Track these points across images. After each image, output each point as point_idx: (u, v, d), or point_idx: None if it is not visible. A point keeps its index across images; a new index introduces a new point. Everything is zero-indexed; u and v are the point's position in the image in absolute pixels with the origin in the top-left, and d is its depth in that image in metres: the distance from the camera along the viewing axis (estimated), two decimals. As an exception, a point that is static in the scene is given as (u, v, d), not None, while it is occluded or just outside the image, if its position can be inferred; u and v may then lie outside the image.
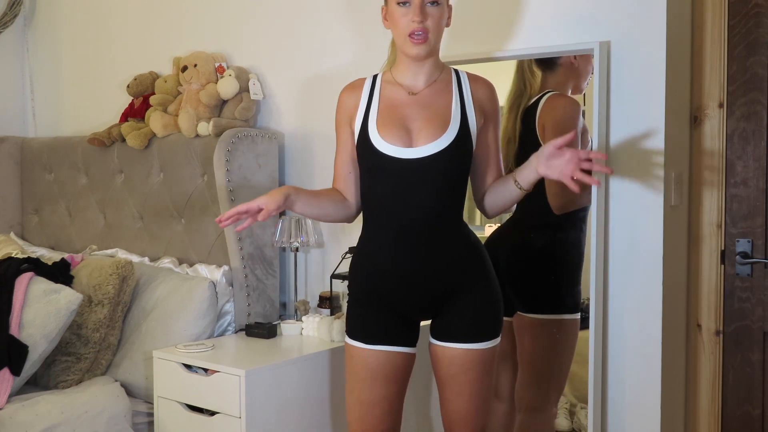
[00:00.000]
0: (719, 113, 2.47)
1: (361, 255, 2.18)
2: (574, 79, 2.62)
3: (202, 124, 3.11)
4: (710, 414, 2.51)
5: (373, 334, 2.13)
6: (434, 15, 2.04)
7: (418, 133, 2.07)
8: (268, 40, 3.20)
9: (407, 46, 2.06)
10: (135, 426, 2.75)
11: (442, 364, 2.14)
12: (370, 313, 2.14)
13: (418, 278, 2.09)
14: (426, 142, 2.05)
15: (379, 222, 2.13)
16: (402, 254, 2.08)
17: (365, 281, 2.16)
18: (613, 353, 2.41)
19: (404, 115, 2.09)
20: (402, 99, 2.12)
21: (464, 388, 2.12)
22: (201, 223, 3.12)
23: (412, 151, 2.06)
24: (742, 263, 2.45)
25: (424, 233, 2.07)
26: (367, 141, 2.10)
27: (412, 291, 2.10)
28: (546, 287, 2.66)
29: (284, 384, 2.53)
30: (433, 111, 2.09)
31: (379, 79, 2.18)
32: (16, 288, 2.74)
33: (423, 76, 2.13)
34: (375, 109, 2.12)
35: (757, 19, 2.41)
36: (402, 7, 2.04)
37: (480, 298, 2.12)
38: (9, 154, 3.82)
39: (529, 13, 2.53)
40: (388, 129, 2.08)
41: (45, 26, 4.10)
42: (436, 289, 2.10)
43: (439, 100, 2.11)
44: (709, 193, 2.50)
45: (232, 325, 2.97)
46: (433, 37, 2.06)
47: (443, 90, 2.12)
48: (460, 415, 2.14)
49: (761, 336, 2.44)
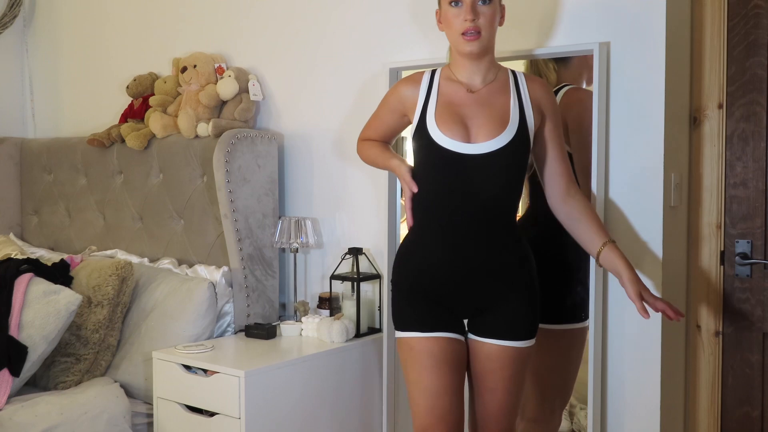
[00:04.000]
0: (719, 114, 2.48)
1: (410, 250, 2.19)
2: (588, 71, 2.59)
3: (202, 125, 3.11)
4: (710, 415, 2.51)
5: (428, 322, 2.13)
6: (486, 13, 2.07)
7: (478, 131, 2.09)
8: (267, 41, 3.20)
9: (461, 44, 2.09)
10: (134, 427, 2.75)
11: (479, 359, 2.16)
12: (420, 305, 2.15)
13: (469, 276, 2.11)
14: (485, 139, 2.08)
15: (432, 218, 2.13)
16: (454, 251, 2.10)
17: (413, 276, 2.16)
18: (613, 354, 2.41)
19: (463, 112, 2.12)
20: (461, 96, 2.15)
21: (499, 384, 2.14)
22: (200, 224, 3.12)
23: (471, 147, 2.08)
24: (741, 264, 2.45)
25: (477, 231, 2.09)
26: (426, 134, 2.12)
27: (461, 288, 2.12)
28: (549, 295, 2.63)
29: (284, 385, 2.53)
30: (492, 109, 2.12)
31: (437, 75, 2.20)
32: (16, 289, 2.74)
33: (480, 75, 2.15)
34: (433, 103, 2.14)
35: (756, 20, 2.41)
36: (454, 8, 2.08)
37: (523, 299, 2.15)
38: (8, 154, 3.82)
39: (529, 14, 2.53)
40: (447, 124, 2.10)
41: (45, 27, 4.10)
42: (486, 288, 2.12)
43: (498, 99, 2.14)
44: (709, 193, 2.50)
45: (232, 326, 2.97)
46: (486, 34, 2.08)
47: (501, 89, 2.15)
48: (493, 412, 2.17)
49: (761, 337, 2.43)
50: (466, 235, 2.09)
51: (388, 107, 2.28)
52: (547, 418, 2.65)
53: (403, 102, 2.23)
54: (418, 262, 2.16)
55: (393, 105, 2.26)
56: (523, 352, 2.15)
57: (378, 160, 2.32)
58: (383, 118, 2.32)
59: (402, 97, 2.23)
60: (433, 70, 2.23)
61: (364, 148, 2.37)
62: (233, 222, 2.91)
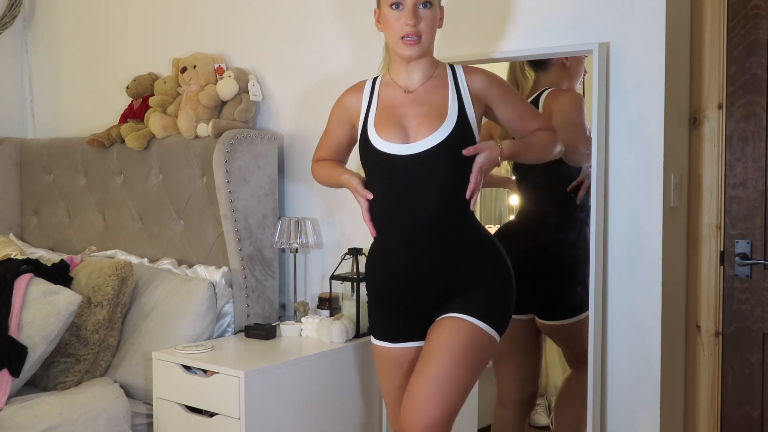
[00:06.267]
0: (718, 114, 2.48)
1: (373, 258, 2.19)
2: (567, 79, 2.63)
3: (202, 126, 3.11)
4: (709, 415, 2.51)
5: (397, 333, 2.13)
6: (427, 17, 2.05)
7: (416, 130, 2.07)
8: (267, 41, 3.20)
9: (400, 48, 2.08)
10: (134, 427, 2.75)
11: (431, 337, 2.04)
12: (391, 314, 2.14)
13: (430, 279, 2.08)
14: (423, 137, 2.05)
15: (387, 225, 2.12)
16: (412, 256, 2.08)
17: (380, 284, 2.17)
18: (613, 354, 2.41)
19: (401, 113, 2.11)
20: (398, 98, 2.14)
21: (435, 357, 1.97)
22: (200, 224, 3.12)
23: (409, 147, 2.06)
24: (741, 264, 2.45)
25: (432, 233, 2.06)
26: (367, 141, 2.13)
27: (425, 292, 2.09)
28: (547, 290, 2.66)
29: (283, 385, 2.53)
30: (429, 106, 2.09)
31: (378, 81, 2.20)
32: (16, 289, 2.74)
33: (418, 75, 2.13)
34: (374, 110, 2.15)
35: (756, 20, 2.41)
36: (395, 11, 2.05)
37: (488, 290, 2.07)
38: (8, 155, 3.82)
39: (528, 15, 2.53)
40: (385, 127, 2.10)
41: (44, 27, 4.10)
42: (449, 287, 2.09)
43: (435, 95, 2.11)
44: (709, 194, 2.50)
45: (232, 326, 2.97)
46: (426, 39, 2.07)
47: (439, 86, 2.13)
48: (418, 396, 1.97)
49: (760, 337, 2.43)
50: (421, 239, 2.06)
51: (336, 120, 2.27)
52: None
53: (348, 112, 2.22)
54: (383, 269, 2.14)
55: (340, 116, 2.25)
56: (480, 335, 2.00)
57: (330, 178, 2.28)
58: (333, 133, 2.30)
59: (347, 107, 2.23)
60: (375, 77, 2.22)
61: (317, 170, 2.35)
62: (233, 222, 2.91)
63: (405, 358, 2.12)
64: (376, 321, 2.19)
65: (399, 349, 2.13)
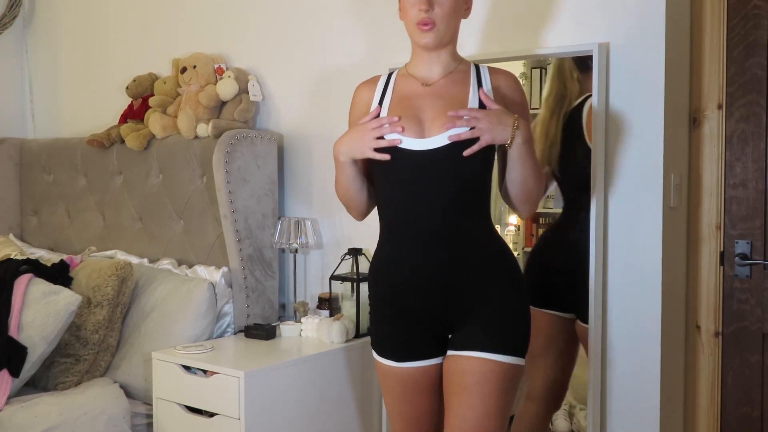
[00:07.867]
0: (718, 115, 2.48)
1: (379, 266, 2.03)
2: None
3: (201, 126, 3.11)
4: (709, 415, 2.51)
5: (403, 352, 1.99)
6: (444, 4, 1.93)
7: (432, 124, 1.92)
8: (267, 41, 3.20)
9: (416, 35, 1.97)
10: (134, 427, 2.75)
11: (454, 375, 1.93)
12: (397, 330, 2.00)
13: (443, 289, 1.94)
14: (439, 132, 1.91)
15: (396, 229, 1.97)
16: (422, 264, 1.93)
17: (390, 293, 2.00)
18: (613, 354, 2.41)
19: (417, 105, 1.97)
20: (415, 90, 2.00)
21: (478, 401, 1.89)
22: (200, 225, 3.12)
23: (424, 142, 1.91)
24: (741, 265, 2.45)
25: (444, 238, 1.92)
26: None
27: (435, 304, 1.95)
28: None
29: (283, 385, 2.52)
30: (448, 100, 1.95)
31: (395, 74, 2.08)
32: (15, 289, 2.74)
33: (438, 67, 2.01)
34: (387, 101, 2.01)
35: (756, 21, 2.41)
36: None
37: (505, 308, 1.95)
38: (8, 155, 3.82)
39: (528, 15, 2.53)
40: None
41: (44, 27, 4.10)
42: (462, 301, 1.94)
43: (455, 90, 1.98)
44: (708, 194, 2.50)
45: (231, 327, 2.97)
46: (443, 25, 1.94)
47: (460, 80, 2.00)
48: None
49: (760, 337, 2.44)
50: (433, 245, 1.92)
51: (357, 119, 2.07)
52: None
53: (362, 108, 2.07)
54: (391, 277, 1.99)
55: (356, 116, 2.08)
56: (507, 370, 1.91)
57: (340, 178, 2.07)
58: None
59: (360, 103, 2.08)
60: (391, 71, 2.11)
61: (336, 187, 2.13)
62: (233, 222, 2.91)
63: (411, 379, 2.00)
64: (381, 335, 2.05)
65: (405, 369, 1.99)
